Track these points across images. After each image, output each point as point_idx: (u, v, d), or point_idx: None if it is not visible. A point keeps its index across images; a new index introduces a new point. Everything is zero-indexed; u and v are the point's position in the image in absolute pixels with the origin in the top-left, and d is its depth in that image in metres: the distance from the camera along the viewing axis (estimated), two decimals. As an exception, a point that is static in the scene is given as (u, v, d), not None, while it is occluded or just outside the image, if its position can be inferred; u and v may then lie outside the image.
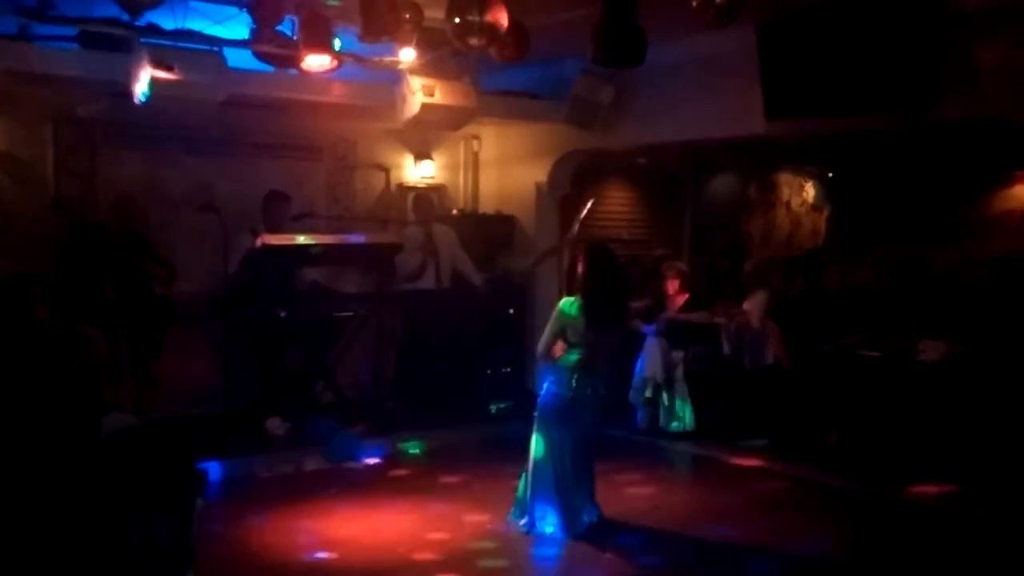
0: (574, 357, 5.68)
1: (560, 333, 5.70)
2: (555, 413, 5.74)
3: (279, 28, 6.46)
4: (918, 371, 7.04)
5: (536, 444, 5.79)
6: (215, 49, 6.45)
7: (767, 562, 5.40)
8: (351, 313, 8.03)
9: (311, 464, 7.14)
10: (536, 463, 5.78)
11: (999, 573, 5.39)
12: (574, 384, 5.67)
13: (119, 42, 6.33)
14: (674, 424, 8.22)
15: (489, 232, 9.52)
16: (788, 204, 12.05)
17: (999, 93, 6.48)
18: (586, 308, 5.62)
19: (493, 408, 8.71)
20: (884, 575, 5.24)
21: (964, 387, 6.76)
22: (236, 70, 6.64)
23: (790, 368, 7.76)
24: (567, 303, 5.69)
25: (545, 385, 5.82)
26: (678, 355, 8.29)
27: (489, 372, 9.19)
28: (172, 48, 6.23)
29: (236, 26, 6.52)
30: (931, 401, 6.85)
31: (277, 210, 7.86)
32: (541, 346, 5.79)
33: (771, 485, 6.99)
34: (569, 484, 5.72)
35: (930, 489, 6.53)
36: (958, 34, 6.49)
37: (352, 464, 7.22)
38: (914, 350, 7.23)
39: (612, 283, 5.77)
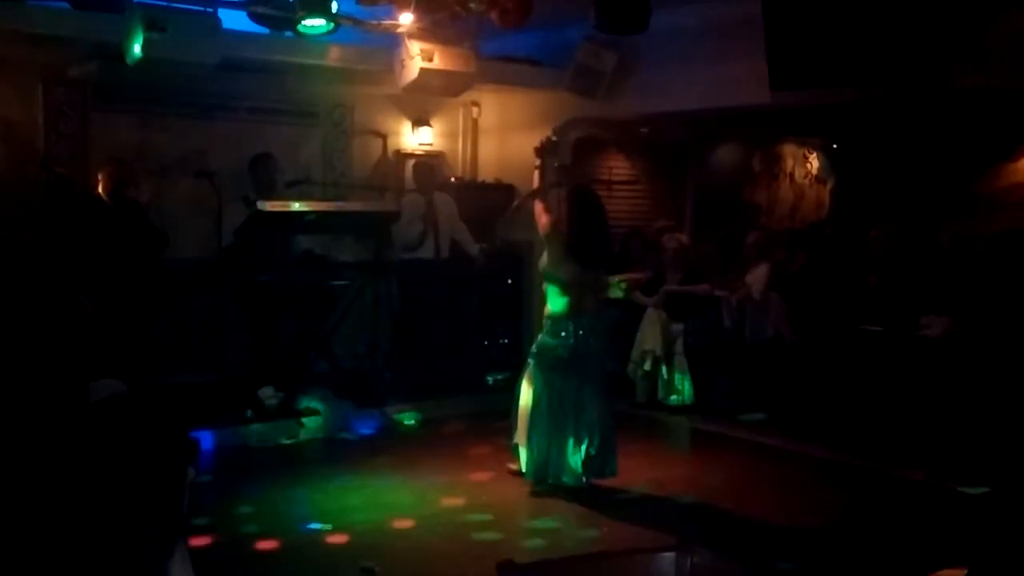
0: (564, 301, 5.72)
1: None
2: (557, 363, 5.74)
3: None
4: (921, 346, 6.96)
5: (533, 392, 5.80)
6: (210, 11, 6.31)
7: (765, 537, 5.35)
8: (346, 282, 7.92)
9: (305, 435, 7.08)
10: (531, 410, 5.79)
11: (996, 550, 5.33)
12: (571, 330, 5.72)
13: (112, 2, 6.20)
14: (673, 398, 8.15)
15: (488, 201, 9.40)
16: (792, 176, 11.95)
17: (1008, 64, 6.38)
18: (573, 247, 5.69)
19: (490, 380, 8.64)
20: (883, 551, 5.18)
21: (967, 362, 6.69)
22: (231, 32, 6.51)
23: (792, 341, 7.67)
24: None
25: (544, 332, 5.83)
26: (678, 328, 8.21)
27: (486, 343, 9.12)
28: (166, 9, 6.08)
29: (231, -13, 6.39)
30: (934, 376, 6.78)
31: (265, 170, 7.74)
32: None
33: (770, 460, 6.94)
34: (563, 430, 5.75)
35: (931, 466, 6.47)
36: (966, 4, 6.39)
37: (347, 435, 7.16)
38: (917, 325, 7.15)
39: (596, 221, 5.85)
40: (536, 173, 6.29)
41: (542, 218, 5.88)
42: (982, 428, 6.43)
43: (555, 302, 5.79)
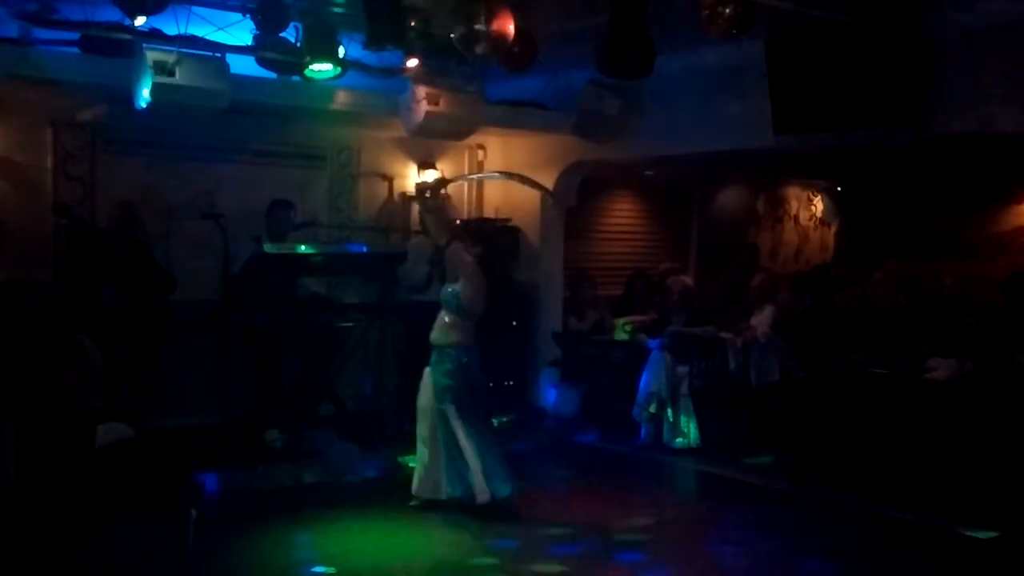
0: (472, 335, 6.34)
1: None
2: (470, 387, 6.29)
3: (283, 34, 6.41)
4: (926, 389, 6.93)
5: (465, 422, 6.17)
6: (218, 55, 6.38)
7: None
8: (351, 324, 7.93)
9: (310, 477, 7.04)
10: (464, 438, 6.20)
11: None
12: (474, 357, 6.35)
13: (121, 47, 6.27)
14: (678, 440, 8.11)
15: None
16: (796, 218, 11.99)
17: (1009, 109, 6.43)
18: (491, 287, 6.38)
19: (495, 422, 8.60)
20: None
21: (973, 405, 6.64)
22: (239, 76, 6.57)
23: (799, 376, 7.60)
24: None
25: (457, 365, 6.24)
26: (683, 370, 8.19)
27: (491, 385, 9.08)
28: (174, 53, 6.15)
29: (239, 32, 6.46)
30: (940, 419, 6.73)
31: (281, 218, 7.79)
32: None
33: (777, 503, 6.88)
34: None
35: (938, 509, 6.41)
36: (962, 50, 6.46)
37: (352, 478, 7.13)
38: (922, 368, 7.12)
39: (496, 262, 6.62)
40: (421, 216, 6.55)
41: (466, 258, 6.28)
42: (990, 471, 6.38)
43: (467, 335, 6.31)
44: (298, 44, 6.39)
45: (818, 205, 12.32)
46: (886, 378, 7.16)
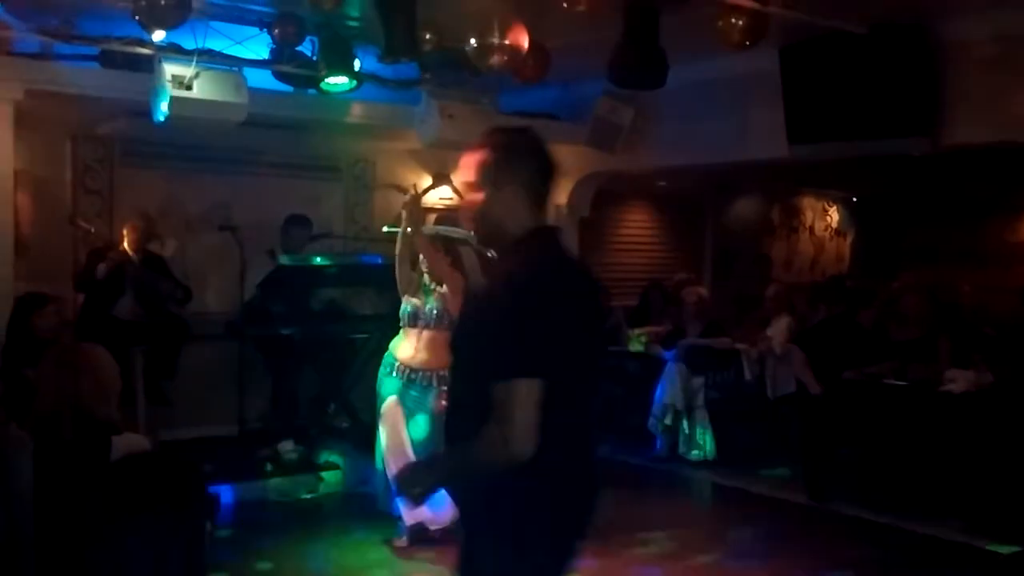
0: None
1: None
2: None
3: (299, 48, 6.45)
4: (944, 402, 6.87)
5: None
6: (235, 69, 6.42)
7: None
8: (367, 335, 7.94)
9: (324, 488, 7.05)
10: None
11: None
12: None
13: (140, 61, 6.33)
14: (694, 452, 8.08)
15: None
16: (812, 228, 11.95)
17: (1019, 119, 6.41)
18: None
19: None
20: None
21: (992, 418, 6.59)
22: (256, 90, 6.61)
23: (817, 391, 7.56)
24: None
25: None
26: (699, 381, 8.16)
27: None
28: (192, 67, 6.20)
29: (256, 46, 6.50)
30: (958, 432, 6.67)
31: (297, 235, 7.80)
32: None
33: (794, 516, 6.85)
34: None
35: (957, 523, 6.36)
36: (977, 59, 6.44)
37: (367, 489, 7.12)
38: (940, 380, 7.06)
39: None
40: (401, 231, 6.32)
41: (444, 266, 6.03)
42: (1009, 484, 6.33)
43: None
44: (314, 57, 6.44)
45: (833, 215, 12.28)
46: (904, 390, 7.12)
